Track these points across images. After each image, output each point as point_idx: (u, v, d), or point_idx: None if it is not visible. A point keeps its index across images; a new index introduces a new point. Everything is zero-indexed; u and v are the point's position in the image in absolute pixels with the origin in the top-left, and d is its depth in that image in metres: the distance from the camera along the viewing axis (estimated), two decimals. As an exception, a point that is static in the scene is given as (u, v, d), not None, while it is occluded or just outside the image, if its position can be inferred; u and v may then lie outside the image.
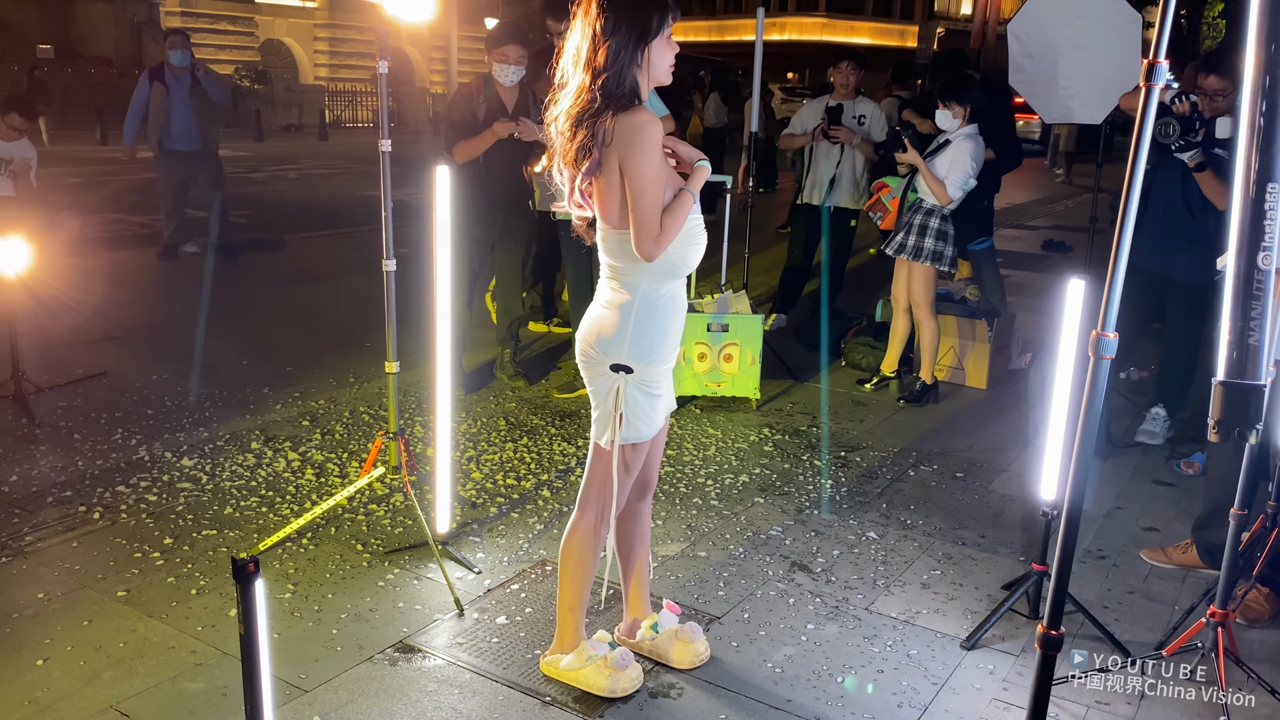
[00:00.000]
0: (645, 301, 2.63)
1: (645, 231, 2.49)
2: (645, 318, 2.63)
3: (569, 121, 2.53)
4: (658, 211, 2.50)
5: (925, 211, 5.28)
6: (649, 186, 2.48)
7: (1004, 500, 4.32)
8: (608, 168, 2.52)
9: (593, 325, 2.69)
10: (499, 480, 4.32)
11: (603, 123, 2.48)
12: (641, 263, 2.56)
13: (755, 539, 3.86)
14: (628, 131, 2.47)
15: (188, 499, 4.01)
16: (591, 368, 2.71)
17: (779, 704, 2.83)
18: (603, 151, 2.50)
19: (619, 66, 2.48)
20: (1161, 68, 1.40)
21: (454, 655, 3.01)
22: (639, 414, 2.69)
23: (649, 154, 2.48)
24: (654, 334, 2.65)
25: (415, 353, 5.03)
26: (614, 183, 2.53)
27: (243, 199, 12.60)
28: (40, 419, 4.77)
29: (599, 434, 2.73)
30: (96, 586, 3.32)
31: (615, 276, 2.65)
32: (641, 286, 2.62)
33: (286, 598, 3.30)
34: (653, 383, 2.70)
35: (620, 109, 2.48)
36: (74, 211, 9.87)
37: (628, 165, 2.48)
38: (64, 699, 2.73)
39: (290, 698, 2.77)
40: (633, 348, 2.63)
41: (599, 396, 2.72)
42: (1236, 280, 1.50)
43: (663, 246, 2.52)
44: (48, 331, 6.00)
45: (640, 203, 2.48)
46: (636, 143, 2.46)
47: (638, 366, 2.65)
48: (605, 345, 2.65)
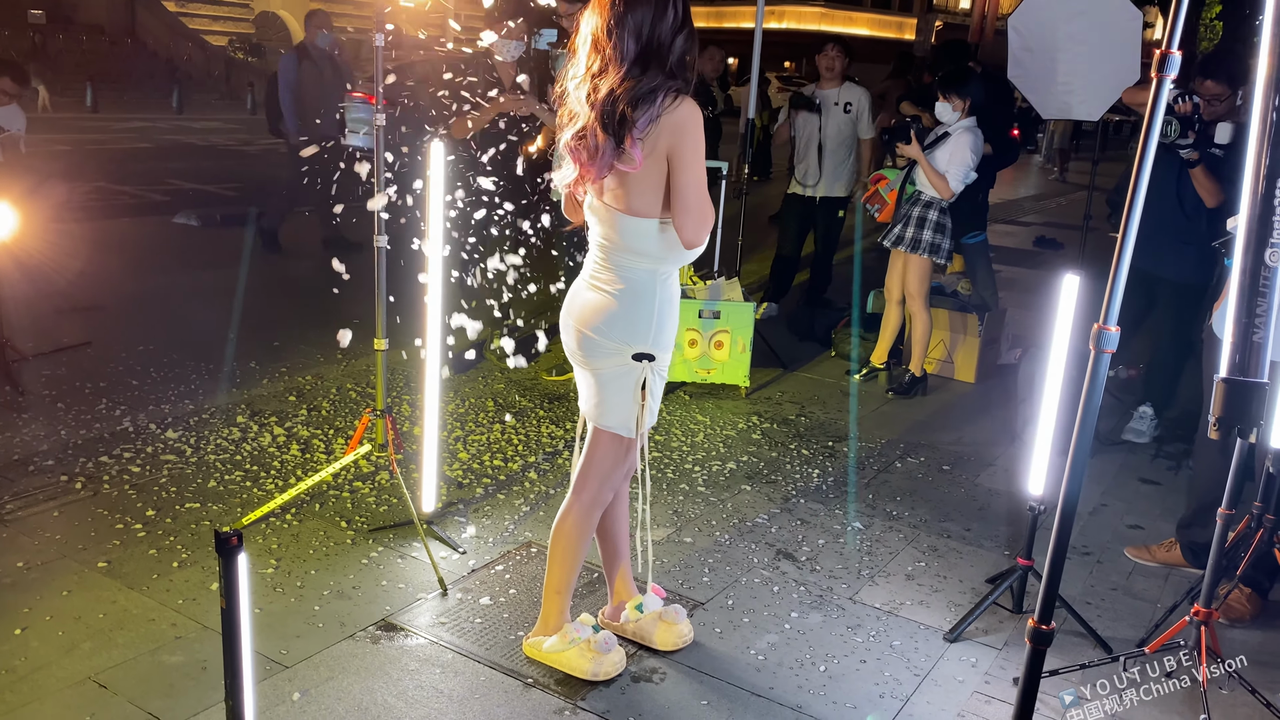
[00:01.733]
0: (664, 288, 2.63)
1: (698, 218, 2.47)
2: (667, 305, 2.64)
3: (618, 101, 2.43)
4: (707, 197, 2.50)
5: (924, 204, 5.27)
6: (701, 174, 2.47)
7: (990, 494, 4.32)
8: (653, 156, 2.46)
9: (597, 312, 2.61)
10: (486, 461, 4.30)
11: (655, 108, 2.42)
12: (672, 250, 2.55)
13: (741, 526, 3.85)
14: (679, 120, 2.43)
15: (171, 471, 3.97)
16: (604, 356, 2.65)
17: (761, 691, 2.83)
18: (648, 139, 2.43)
19: (678, 48, 2.45)
20: (1174, 58, 1.38)
21: (436, 635, 3.00)
22: (657, 399, 2.72)
23: (699, 142, 2.46)
24: (673, 320, 2.68)
25: (404, 331, 4.99)
26: (654, 171, 2.48)
27: (233, 173, 12.51)
28: (24, 387, 4.72)
29: (610, 422, 2.71)
30: (77, 557, 3.29)
31: (624, 263, 2.59)
32: (660, 274, 2.61)
33: (269, 573, 3.28)
34: (665, 367, 2.73)
35: (672, 94, 2.43)
36: (61, 179, 9.76)
37: (679, 153, 2.44)
38: (41, 669, 2.70)
39: (271, 673, 2.75)
40: (658, 336, 2.63)
41: (611, 385, 2.67)
42: (1242, 276, 1.49)
43: (709, 230, 2.51)
44: (33, 299, 5.93)
45: (691, 191, 2.46)
46: (689, 130, 2.44)
47: (659, 353, 2.65)
48: (624, 334, 2.60)
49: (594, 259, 2.66)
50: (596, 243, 2.65)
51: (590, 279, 2.67)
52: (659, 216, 2.53)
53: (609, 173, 2.51)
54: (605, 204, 2.57)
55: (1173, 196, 4.43)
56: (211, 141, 15.50)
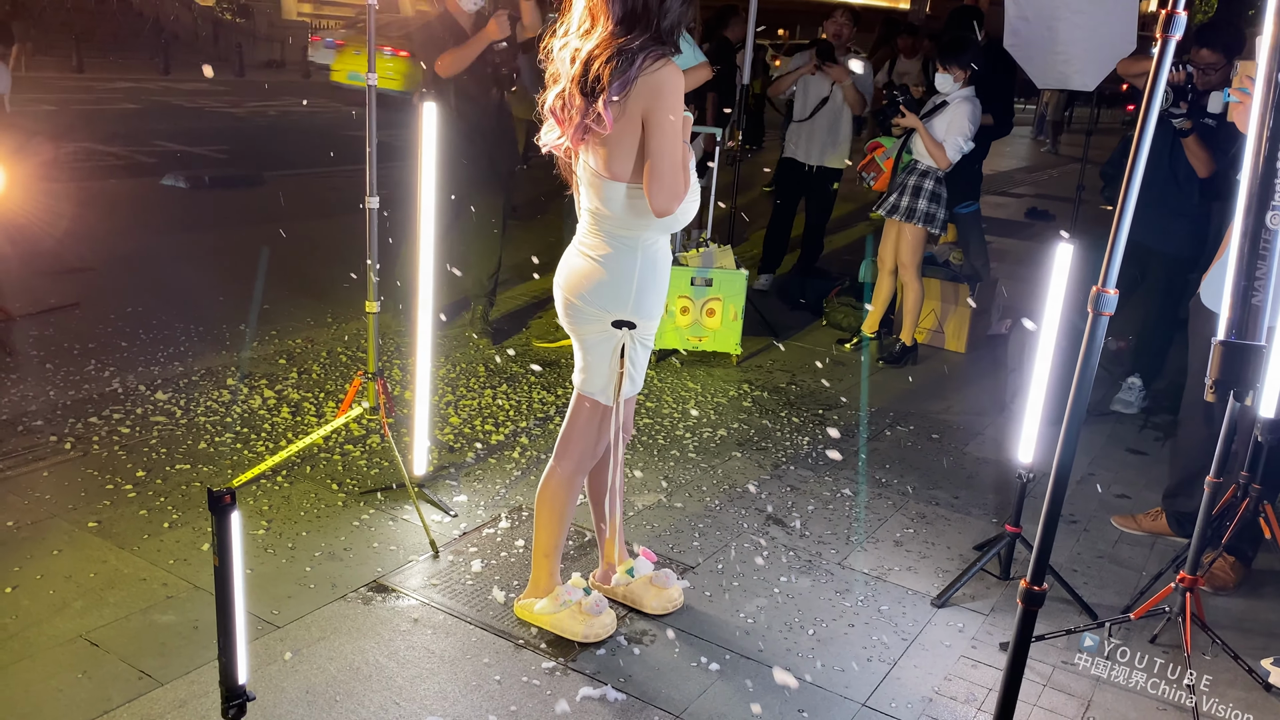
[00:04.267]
0: (647, 256, 2.59)
1: (670, 186, 2.41)
2: (648, 273, 2.60)
3: (594, 61, 2.40)
4: (680, 167, 2.43)
5: (920, 173, 5.25)
6: (675, 141, 2.42)
7: (979, 463, 4.35)
8: (627, 116, 2.41)
9: (583, 279, 2.60)
10: (477, 426, 4.30)
11: (633, 70, 2.37)
12: (645, 217, 2.50)
13: (731, 492, 3.87)
14: (656, 83, 2.38)
15: (161, 433, 3.96)
16: (586, 323, 2.64)
17: (750, 653, 2.85)
18: (623, 101, 2.39)
19: (670, 11, 2.40)
20: (1180, 18, 1.37)
21: (428, 596, 3.01)
22: (638, 368, 2.70)
23: (676, 107, 2.41)
24: (657, 289, 2.64)
25: (396, 295, 4.97)
26: (629, 134, 2.44)
27: (221, 134, 12.38)
28: (12, 347, 4.69)
29: (592, 388, 2.71)
30: (67, 516, 3.29)
31: (608, 229, 2.57)
32: (643, 241, 2.58)
33: (260, 534, 3.28)
34: (649, 336, 2.70)
35: (652, 57, 2.38)
36: (47, 138, 9.65)
37: (653, 117, 2.39)
38: (32, 626, 2.71)
39: (262, 633, 2.76)
40: (638, 303, 2.60)
41: (594, 351, 2.67)
42: (1243, 239, 1.48)
43: (680, 200, 2.45)
44: (21, 259, 5.88)
45: (665, 158, 2.40)
46: (665, 94, 2.38)
47: (641, 321, 2.62)
48: (605, 300, 2.59)
49: (582, 224, 2.65)
50: (584, 208, 2.63)
51: (578, 244, 2.66)
52: (628, 181, 2.49)
53: (585, 135, 2.47)
54: (589, 167, 2.54)
55: (1165, 166, 4.43)
56: (199, 104, 15.32)
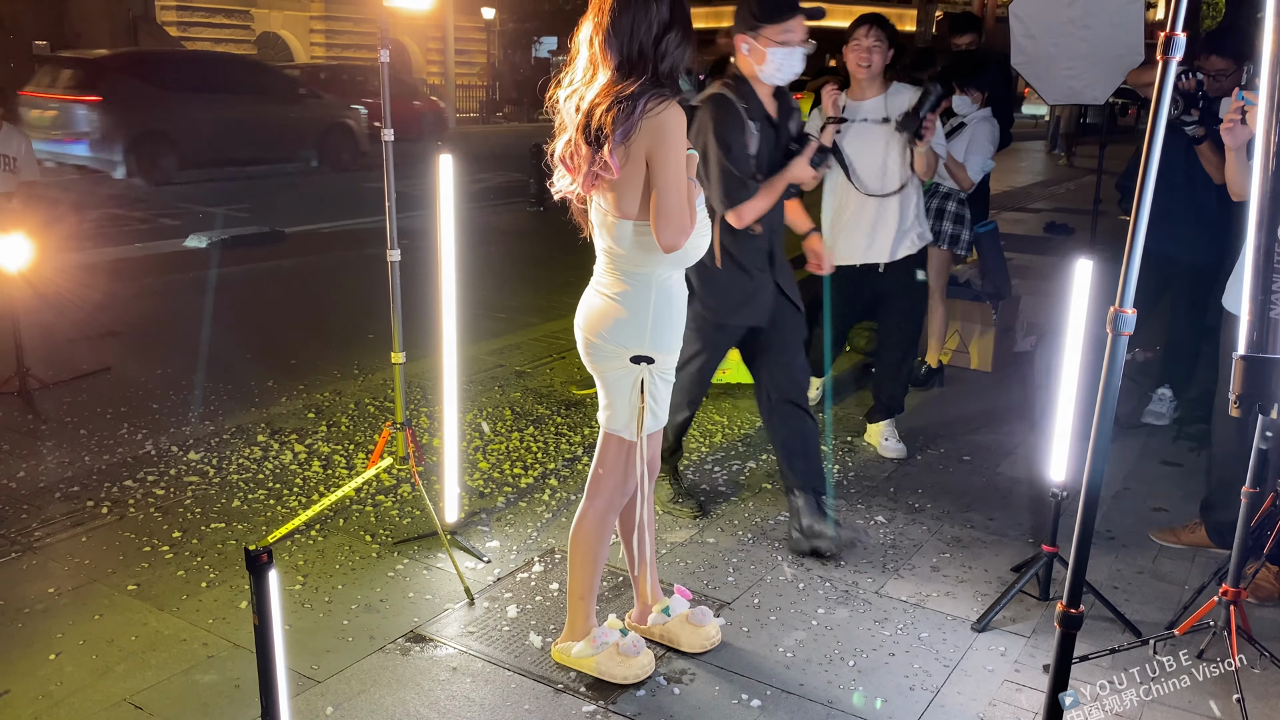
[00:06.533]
0: (662, 291, 2.63)
1: (676, 222, 2.47)
2: (664, 307, 2.64)
3: (595, 110, 2.45)
4: (685, 203, 2.49)
5: (941, 195, 5.27)
6: (680, 178, 2.47)
7: (1011, 483, 4.31)
8: (632, 159, 2.47)
9: (601, 317, 2.66)
10: (506, 470, 4.31)
11: (635, 116, 2.42)
12: (656, 253, 2.55)
13: (763, 525, 3.85)
14: (658, 124, 2.43)
15: (195, 492, 4.00)
16: (606, 360, 2.68)
17: (791, 688, 2.83)
18: (628, 145, 2.44)
19: (668, 55, 2.46)
20: (1179, 40, 1.38)
21: (465, 644, 3.01)
22: (660, 402, 2.72)
23: (679, 146, 2.47)
24: (673, 323, 2.68)
25: (420, 344, 5.02)
26: (635, 175, 2.50)
27: (242, 192, 12.58)
28: (45, 415, 4.76)
29: (617, 425, 2.73)
30: (106, 581, 3.32)
31: (622, 267, 2.63)
32: (657, 276, 2.62)
33: (296, 589, 3.30)
34: (669, 370, 2.73)
35: (654, 100, 2.44)
36: (71, 208, 9.85)
37: (657, 156, 2.45)
38: (77, 692, 2.73)
39: (303, 689, 2.77)
40: (655, 338, 2.63)
41: (616, 389, 2.70)
42: (1256, 254, 1.48)
43: (687, 236, 2.51)
44: (51, 327, 5.99)
45: (670, 195, 2.46)
46: (668, 134, 2.44)
47: (659, 356, 2.65)
48: (623, 337, 2.63)
49: (599, 264, 2.71)
50: (599, 248, 2.69)
51: (595, 284, 2.72)
52: (635, 219, 2.55)
53: (595, 182, 2.54)
54: (601, 208, 2.61)
55: (1182, 175, 4.42)
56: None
